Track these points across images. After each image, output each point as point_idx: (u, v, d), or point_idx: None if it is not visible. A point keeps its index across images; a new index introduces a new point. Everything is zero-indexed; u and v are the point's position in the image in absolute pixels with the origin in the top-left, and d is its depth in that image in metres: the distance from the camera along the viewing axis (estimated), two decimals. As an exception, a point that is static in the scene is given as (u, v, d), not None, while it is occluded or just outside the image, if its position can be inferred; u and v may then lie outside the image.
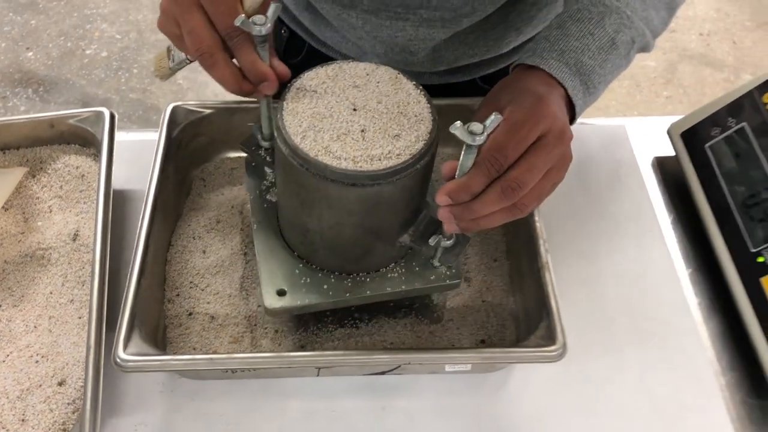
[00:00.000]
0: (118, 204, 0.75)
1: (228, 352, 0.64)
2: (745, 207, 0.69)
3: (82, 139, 0.75)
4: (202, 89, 2.22)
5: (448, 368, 0.64)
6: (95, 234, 0.65)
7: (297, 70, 0.58)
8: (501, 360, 0.60)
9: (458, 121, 0.47)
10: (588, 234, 0.74)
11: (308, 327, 0.67)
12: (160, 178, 0.68)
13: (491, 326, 0.67)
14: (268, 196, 0.65)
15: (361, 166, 0.52)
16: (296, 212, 0.59)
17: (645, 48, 0.64)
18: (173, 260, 0.70)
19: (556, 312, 0.60)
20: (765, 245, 0.66)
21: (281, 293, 0.60)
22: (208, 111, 0.74)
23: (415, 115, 0.55)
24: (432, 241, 0.59)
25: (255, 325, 0.67)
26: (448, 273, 0.61)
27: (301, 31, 0.86)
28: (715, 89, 2.27)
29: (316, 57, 0.86)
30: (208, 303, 0.68)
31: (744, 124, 0.72)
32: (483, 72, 0.84)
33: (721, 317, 0.70)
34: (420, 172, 0.54)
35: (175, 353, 0.64)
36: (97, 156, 0.73)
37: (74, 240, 0.70)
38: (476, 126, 0.47)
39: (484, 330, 0.67)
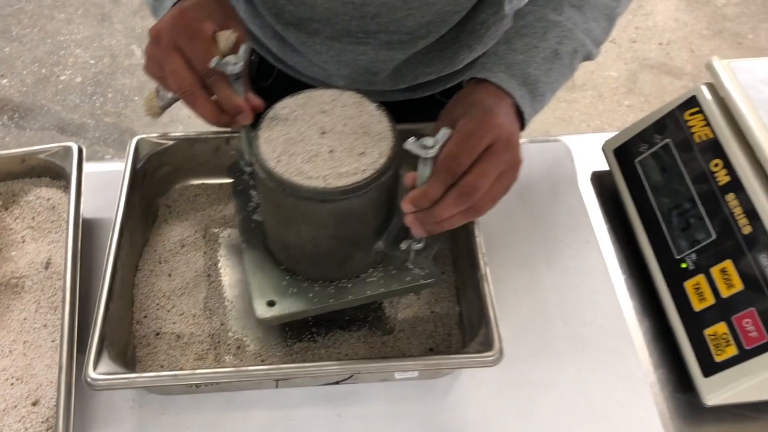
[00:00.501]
0: (88, 232, 0.79)
1: (193, 369, 0.69)
2: (669, 217, 0.75)
3: (52, 173, 0.80)
4: (176, 111, 2.26)
5: (397, 375, 0.69)
6: (66, 262, 0.70)
7: (267, 93, 0.64)
8: (443, 366, 0.65)
9: (412, 137, 0.53)
10: (529, 246, 0.80)
11: (269, 342, 0.71)
12: (126, 207, 0.73)
13: (439, 335, 0.72)
14: (254, 216, 0.71)
15: (330, 184, 0.57)
16: (278, 229, 0.65)
17: (588, 56, 0.69)
18: (141, 284, 0.74)
19: (493, 320, 0.65)
20: (687, 252, 0.72)
21: (271, 304, 0.65)
22: (170, 142, 0.79)
23: (378, 134, 0.61)
24: (403, 246, 0.64)
25: (218, 342, 0.71)
26: (422, 273, 0.66)
27: (270, 56, 0.91)
28: (674, 97, 2.35)
29: (285, 80, 0.92)
30: (174, 323, 0.72)
31: (668, 140, 0.78)
32: (441, 87, 0.90)
33: (651, 319, 0.75)
34: (385, 185, 0.60)
35: (143, 371, 0.68)
36: (66, 188, 0.78)
37: (46, 268, 0.74)
38: (428, 140, 0.53)
39: (432, 339, 0.72)
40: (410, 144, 0.54)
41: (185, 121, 2.22)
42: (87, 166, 0.79)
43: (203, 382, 0.64)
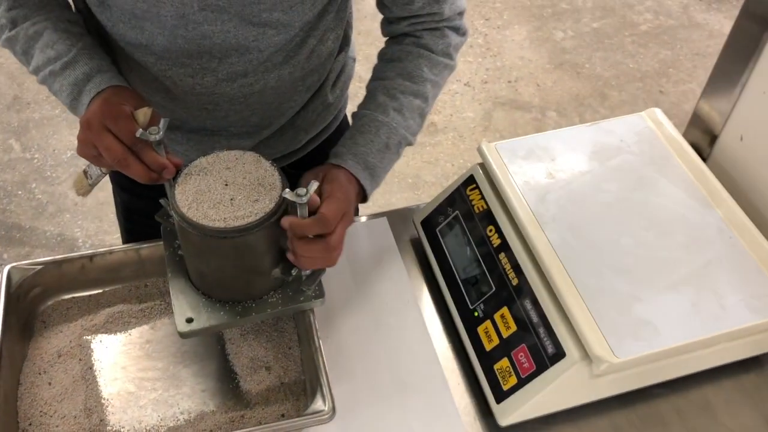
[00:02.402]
0: (-28, 356, 0.89)
1: (77, 464, 0.80)
2: (464, 274, 0.92)
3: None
4: (62, 200, 2.33)
5: (254, 442, 0.83)
6: (-48, 390, 0.80)
7: None
8: (287, 429, 0.80)
9: (287, 189, 0.73)
10: (359, 312, 0.95)
11: (143, 429, 0.84)
12: (3, 329, 0.84)
13: (289, 402, 0.87)
14: (179, 251, 0.86)
15: (229, 224, 0.74)
16: (193, 260, 0.81)
17: (409, 143, 0.92)
18: (23, 396, 0.85)
19: (326, 384, 0.80)
20: (477, 302, 0.89)
21: (189, 320, 0.80)
22: (39, 267, 0.91)
23: (270, 185, 0.77)
24: (294, 272, 0.81)
25: (99, 436, 0.83)
26: (313, 294, 0.83)
27: None
28: (526, 129, 2.61)
29: None
30: (57, 426, 0.83)
31: (457, 212, 0.96)
32: (288, 162, 1.08)
33: (461, 358, 0.92)
34: (274, 224, 0.76)
35: (34, 474, 0.79)
36: (-53, 321, 0.88)
37: (-65, 396, 0.84)
38: (301, 190, 0.72)
39: (284, 406, 0.86)
40: (287, 193, 0.72)
41: (72, 209, 2.29)
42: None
43: (85, 475, 0.76)
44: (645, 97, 2.77)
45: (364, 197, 0.87)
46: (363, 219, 1.08)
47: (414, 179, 2.40)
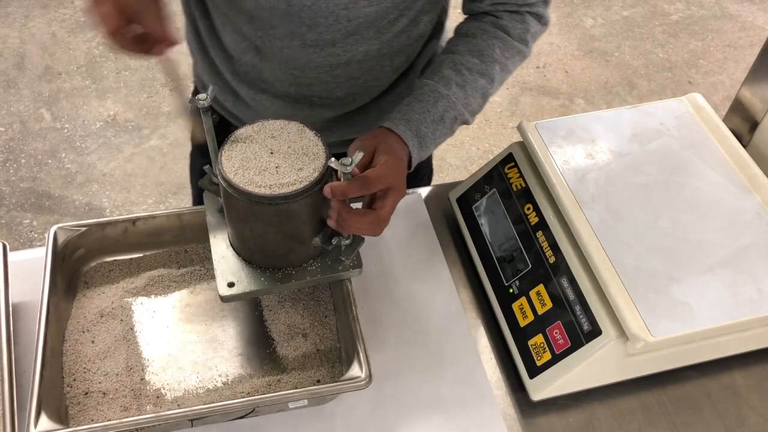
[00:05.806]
0: (19, 313, 0.92)
1: (119, 419, 0.82)
2: (499, 252, 0.93)
3: (-20, 267, 0.92)
4: (91, 170, 2.36)
5: (291, 405, 0.85)
6: (0, 344, 0.83)
7: None
8: (325, 393, 0.82)
9: (333, 157, 0.75)
10: (395, 284, 0.97)
11: (183, 389, 0.86)
12: (50, 288, 0.86)
13: (324, 369, 0.89)
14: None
15: (275, 191, 0.75)
16: (236, 226, 0.83)
17: (465, 122, 0.92)
18: (68, 352, 0.88)
19: (362, 352, 0.81)
20: (512, 279, 0.90)
21: (230, 285, 0.82)
22: (83, 228, 0.93)
23: (314, 154, 0.79)
24: (335, 241, 0.83)
25: (139, 394, 0.86)
26: (351, 264, 0.85)
27: (227, 114, 1.09)
28: (553, 115, 2.60)
29: None
30: (100, 383, 0.86)
31: (495, 189, 0.96)
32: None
33: (494, 333, 0.93)
34: (317, 193, 0.78)
35: (76, 426, 0.82)
36: (-5, 279, 0.90)
37: (-16, 349, 0.87)
38: (346, 160, 0.74)
39: (319, 372, 0.88)
40: (333, 162, 0.74)
41: (100, 180, 2.32)
42: (12, 255, 0.91)
43: (129, 428, 0.78)
44: (673, 87, 2.75)
45: (408, 166, 0.87)
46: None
47: (439, 161, 2.41)
